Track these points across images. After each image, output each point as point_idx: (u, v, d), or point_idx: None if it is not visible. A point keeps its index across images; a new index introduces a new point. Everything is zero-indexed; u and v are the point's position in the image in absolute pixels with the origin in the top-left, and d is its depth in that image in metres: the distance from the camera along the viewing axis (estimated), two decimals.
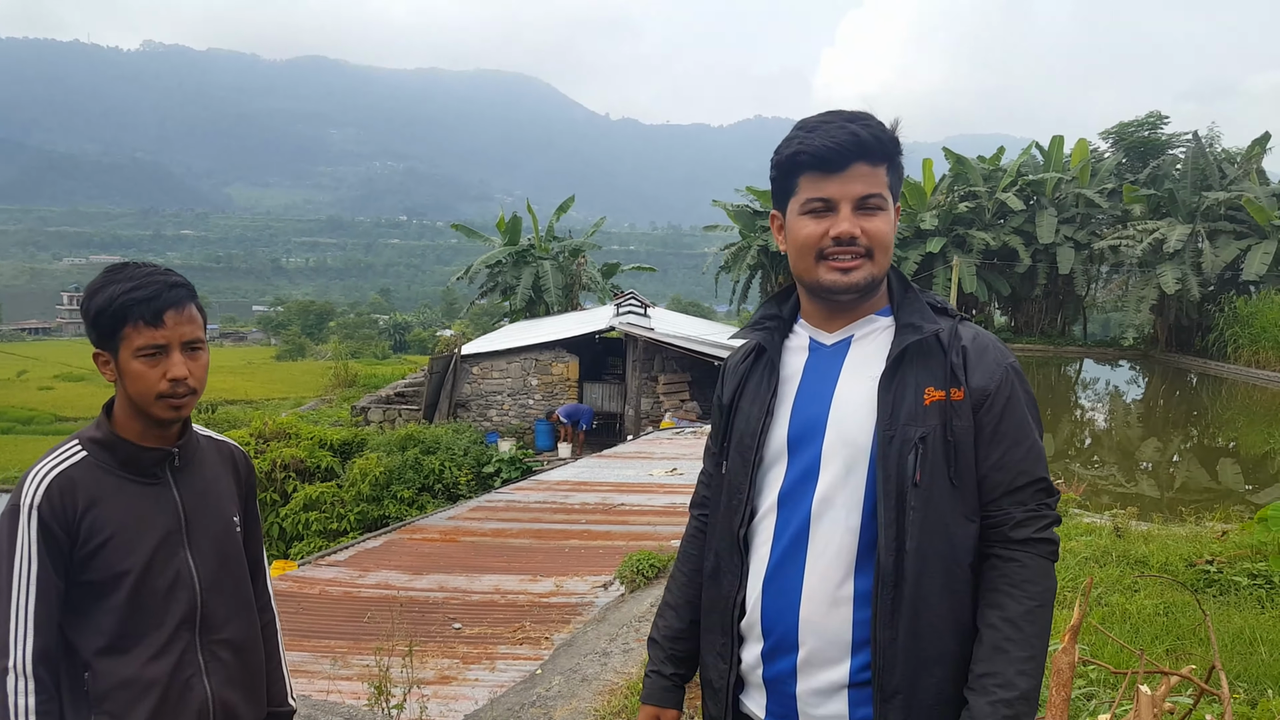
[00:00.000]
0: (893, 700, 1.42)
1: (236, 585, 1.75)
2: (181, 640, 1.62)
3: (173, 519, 1.64)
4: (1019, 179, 34.04)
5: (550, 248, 31.62)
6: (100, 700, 1.57)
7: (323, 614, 5.91)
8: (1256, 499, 11.74)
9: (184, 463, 1.69)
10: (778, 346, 1.62)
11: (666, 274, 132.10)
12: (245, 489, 1.84)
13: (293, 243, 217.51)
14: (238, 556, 1.76)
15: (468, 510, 9.61)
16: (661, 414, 18.13)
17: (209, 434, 1.81)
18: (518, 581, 6.55)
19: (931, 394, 1.46)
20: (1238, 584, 5.55)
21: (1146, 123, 35.89)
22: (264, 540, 1.96)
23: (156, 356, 1.57)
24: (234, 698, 1.69)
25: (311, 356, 46.29)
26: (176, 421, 1.65)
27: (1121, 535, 7.12)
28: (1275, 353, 24.57)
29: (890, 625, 1.42)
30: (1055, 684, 2.29)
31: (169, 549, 1.62)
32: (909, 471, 1.43)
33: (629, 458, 12.76)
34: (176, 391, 1.59)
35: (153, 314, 1.55)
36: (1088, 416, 22.06)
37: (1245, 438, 17.83)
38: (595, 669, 4.45)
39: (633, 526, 8.23)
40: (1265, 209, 26.85)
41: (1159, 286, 27.92)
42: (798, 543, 1.50)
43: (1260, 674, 4.03)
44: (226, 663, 1.69)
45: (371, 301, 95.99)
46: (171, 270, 1.63)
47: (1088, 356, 33.28)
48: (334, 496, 13.72)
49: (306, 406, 24.02)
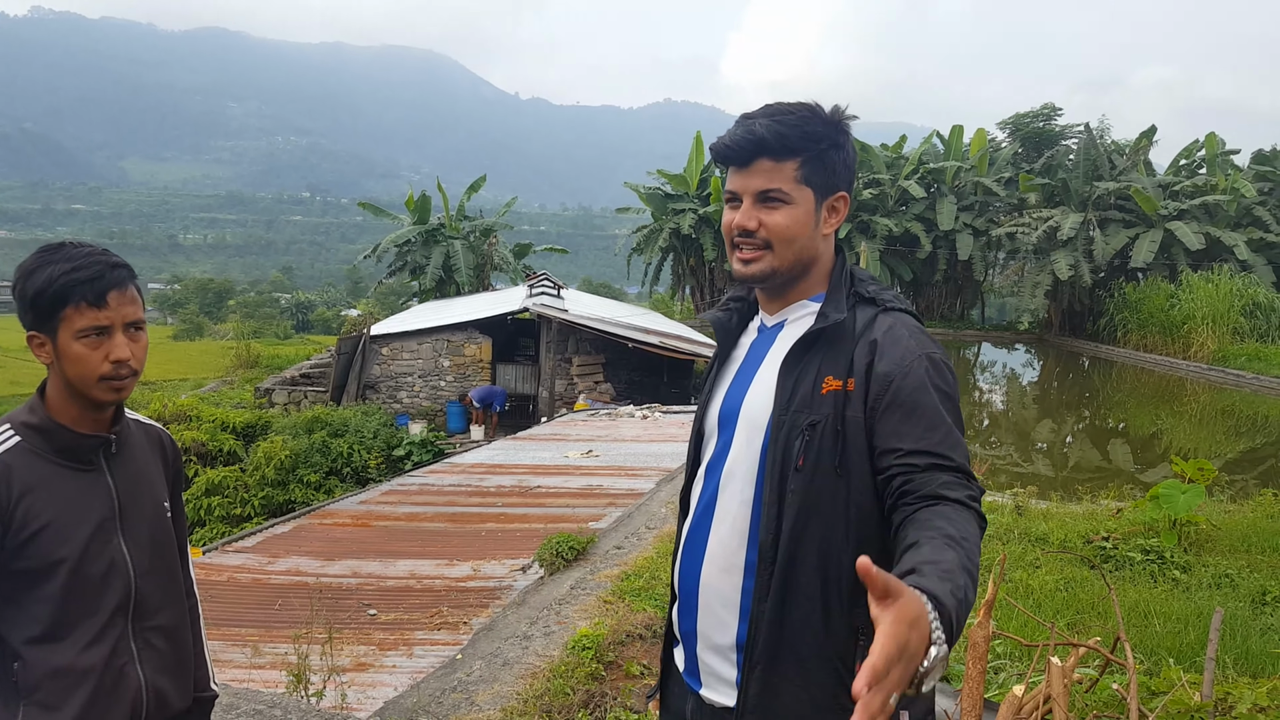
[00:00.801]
0: (754, 670, 1.49)
1: (169, 571, 1.73)
2: (116, 628, 1.60)
3: (107, 506, 1.61)
4: (920, 167, 35.00)
5: (461, 227, 31.17)
6: (31, 691, 1.53)
7: (232, 601, 5.74)
8: (1145, 478, 12.36)
9: (118, 448, 1.65)
10: (732, 328, 1.72)
11: (578, 255, 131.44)
12: (173, 474, 1.82)
13: (190, 218, 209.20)
14: (169, 542, 1.74)
15: (379, 494, 9.44)
16: (576, 396, 18.10)
17: (137, 418, 1.78)
18: (434, 566, 6.47)
19: (830, 383, 1.49)
20: (1132, 559, 5.84)
21: (1041, 114, 37.25)
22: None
23: (99, 338, 1.54)
24: (166, 684, 1.68)
25: (211, 336, 44.68)
26: (114, 404, 1.62)
27: (1022, 513, 7.41)
28: (1161, 337, 25.82)
29: (763, 600, 1.49)
30: (971, 657, 2.36)
31: (104, 536, 1.59)
32: (793, 456, 1.48)
33: (544, 440, 12.70)
34: (119, 373, 1.56)
35: (95, 295, 1.52)
36: (986, 398, 22.84)
37: (1134, 419, 18.73)
38: (517, 652, 4.43)
39: (550, 509, 8.20)
40: (1152, 199, 28.16)
41: (1053, 273, 29.06)
42: (708, 510, 1.60)
43: (1156, 645, 4.24)
44: (159, 649, 1.67)
45: (273, 280, 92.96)
46: (109, 250, 1.59)
47: (986, 340, 34.49)
48: (237, 481, 13.32)
49: (207, 388, 23.18)
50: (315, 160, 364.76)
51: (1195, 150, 31.91)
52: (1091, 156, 30.55)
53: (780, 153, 1.52)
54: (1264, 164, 29.79)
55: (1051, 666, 2.30)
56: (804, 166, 1.53)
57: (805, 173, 1.53)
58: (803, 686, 1.47)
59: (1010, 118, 38.00)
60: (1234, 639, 4.39)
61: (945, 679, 3.57)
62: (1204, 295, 24.46)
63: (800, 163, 1.53)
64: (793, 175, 1.53)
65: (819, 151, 1.54)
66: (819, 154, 1.54)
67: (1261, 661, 4.09)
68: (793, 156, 1.52)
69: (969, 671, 2.36)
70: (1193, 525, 6.42)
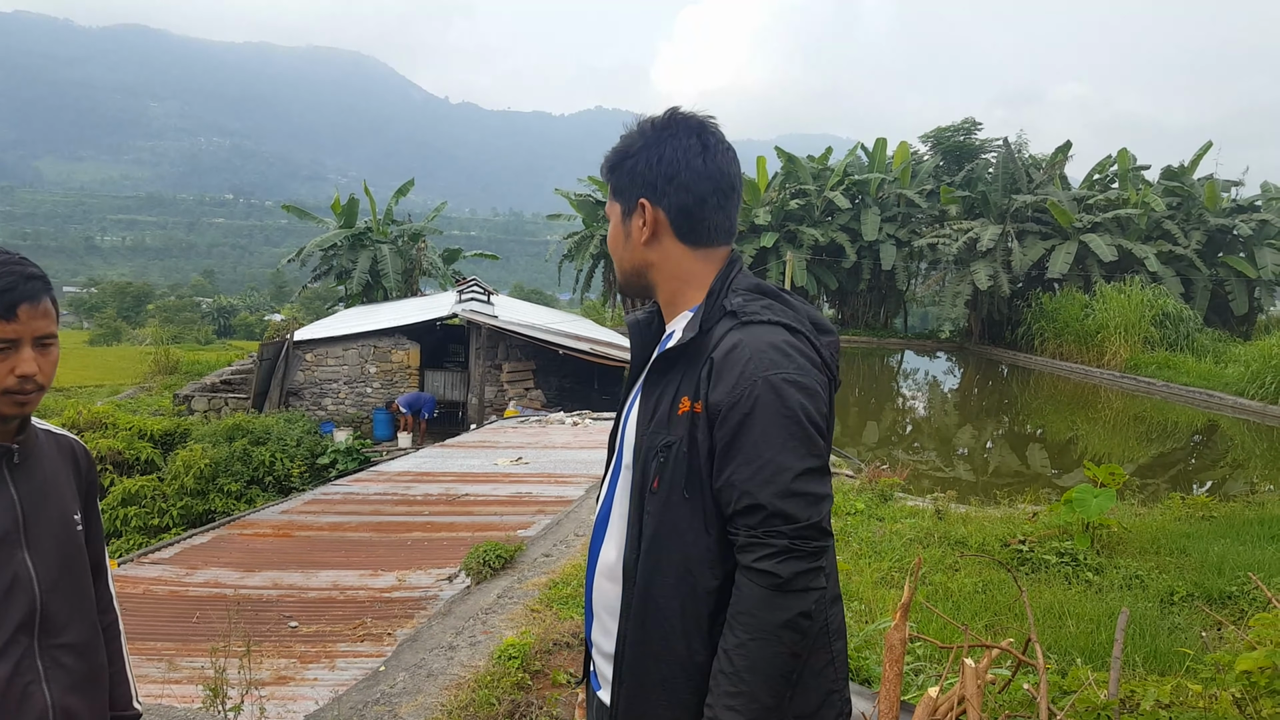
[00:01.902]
0: (622, 684, 1.51)
1: (78, 586, 1.65)
2: (19, 646, 1.52)
3: (9, 519, 1.54)
4: (845, 179, 35.69)
5: (389, 231, 30.79)
6: None
7: (148, 615, 5.56)
8: (1061, 482, 12.74)
9: (22, 459, 1.58)
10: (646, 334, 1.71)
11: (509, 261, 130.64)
12: (86, 485, 1.74)
13: (108, 220, 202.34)
14: (79, 556, 1.67)
15: (302, 504, 9.24)
16: (506, 402, 17.98)
17: (48, 428, 1.71)
18: (357, 576, 6.36)
19: (684, 404, 1.46)
20: (1047, 562, 6.01)
21: (962, 128, 38.33)
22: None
23: (5, 351, 1.48)
24: (76, 704, 1.60)
25: (129, 341, 43.25)
26: (17, 418, 1.55)
27: (942, 517, 7.57)
28: (1077, 346, 26.70)
29: (627, 617, 1.50)
30: (888, 659, 2.41)
31: (6, 551, 1.52)
32: (649, 476, 1.47)
33: (473, 447, 12.58)
34: (24, 389, 1.49)
35: (5, 307, 1.46)
36: (909, 405, 23.31)
37: (1051, 425, 19.29)
38: (441, 663, 4.38)
39: (478, 517, 8.12)
40: (1067, 212, 29.15)
41: (973, 283, 29.88)
42: (603, 523, 1.64)
43: (1069, 645, 4.37)
44: (68, 668, 1.59)
45: (194, 283, 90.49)
46: (26, 259, 1.53)
47: (909, 348, 35.27)
48: (155, 490, 12.89)
49: (124, 395, 22.46)
50: (239, 162, 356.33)
51: (1108, 165, 33.11)
52: (1010, 170, 31.49)
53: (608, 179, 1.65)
54: (1172, 179, 31.05)
55: (965, 668, 2.36)
56: (614, 188, 1.63)
57: (613, 190, 1.63)
58: (667, 705, 1.47)
59: (932, 131, 39.02)
60: (1143, 638, 4.55)
61: (865, 681, 3.63)
62: (1117, 305, 25.36)
63: (611, 189, 1.64)
64: (610, 198, 1.65)
65: (625, 169, 1.61)
66: (624, 171, 1.61)
67: (1169, 659, 4.24)
68: (609, 177, 1.64)
69: (886, 674, 2.41)
70: (1105, 528, 6.64)
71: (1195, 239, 28.99)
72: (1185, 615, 5.11)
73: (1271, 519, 7.70)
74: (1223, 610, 5.22)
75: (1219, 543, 6.72)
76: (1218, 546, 6.58)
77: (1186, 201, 30.32)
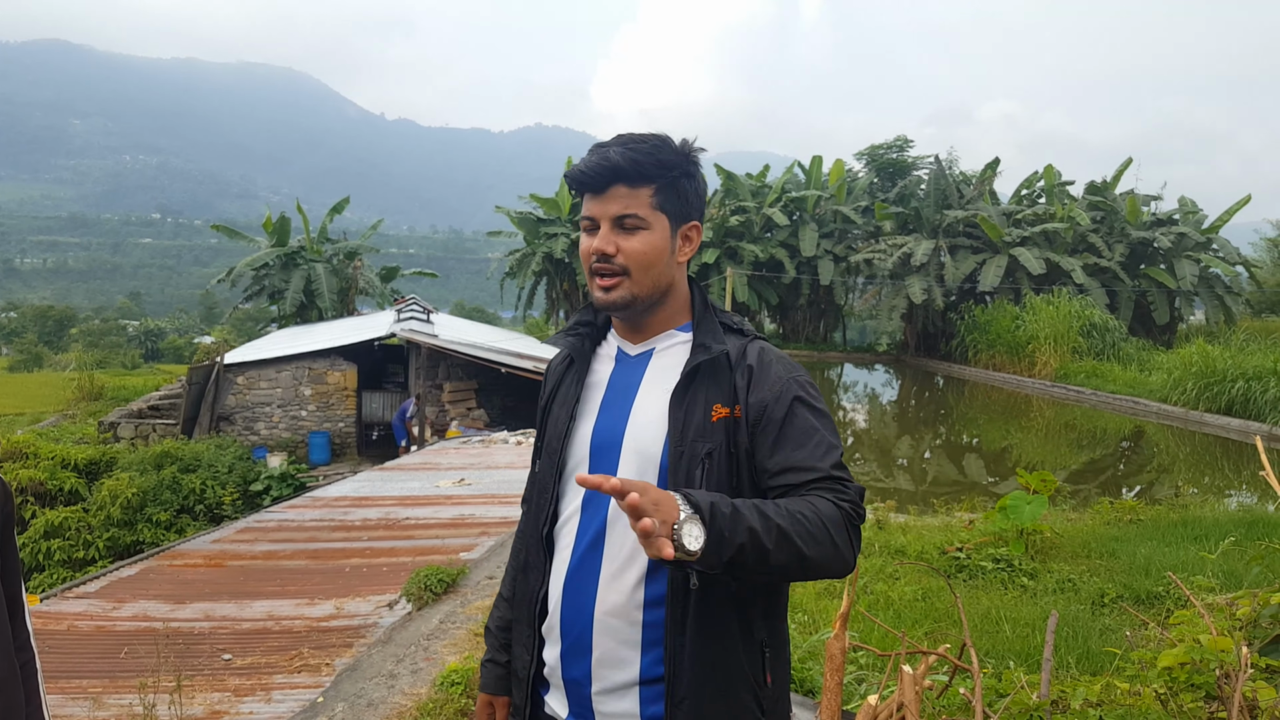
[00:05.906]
0: (681, 705, 1.47)
1: None
2: None
3: None
4: (783, 195, 36.19)
5: (323, 250, 30.32)
6: None
7: (73, 651, 5.36)
8: (997, 489, 13.00)
9: None
10: (586, 354, 1.70)
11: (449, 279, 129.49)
12: (2, 519, 1.65)
13: (28, 241, 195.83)
14: None
15: (234, 532, 9.01)
16: (447, 423, 17.79)
17: None
18: (293, 606, 6.21)
19: (719, 410, 1.52)
20: (984, 569, 6.12)
21: (895, 145, 39.14)
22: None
23: None
24: None
25: (51, 367, 41.87)
26: None
27: (882, 527, 7.67)
28: (1008, 356, 27.34)
29: (680, 632, 1.47)
30: (829, 669, 2.43)
31: None
32: (696, 484, 1.48)
33: (413, 469, 12.41)
34: None
35: None
36: (849, 417, 23.59)
37: (986, 434, 19.69)
38: (382, 692, 4.30)
39: (419, 541, 8.00)
40: (997, 226, 29.90)
41: (908, 296, 30.47)
42: (595, 546, 1.54)
43: (1005, 649, 4.45)
44: None
45: (119, 306, 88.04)
46: None
47: (848, 361, 35.80)
48: (79, 522, 12.46)
49: (46, 423, 21.71)
50: (166, 180, 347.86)
51: (1035, 181, 34.06)
52: (941, 186, 32.23)
53: (635, 179, 1.54)
54: (1096, 194, 32.08)
55: (903, 674, 2.38)
56: (658, 194, 1.56)
57: (660, 199, 1.56)
58: (726, 712, 1.49)
59: (866, 149, 39.77)
60: (1076, 640, 4.66)
61: (809, 692, 3.65)
62: (1046, 316, 26.05)
63: (655, 189, 1.56)
64: (648, 201, 1.55)
65: (672, 179, 1.57)
66: (672, 181, 1.57)
67: (1100, 660, 4.34)
68: (647, 183, 1.55)
69: (826, 683, 2.43)
70: (1038, 534, 6.79)
71: (1119, 251, 29.93)
72: (1115, 616, 5.25)
73: (1194, 520, 7.96)
74: (1149, 610, 5.37)
75: (1146, 545, 6.92)
76: (1144, 548, 6.77)
77: (1110, 215, 31.33)
